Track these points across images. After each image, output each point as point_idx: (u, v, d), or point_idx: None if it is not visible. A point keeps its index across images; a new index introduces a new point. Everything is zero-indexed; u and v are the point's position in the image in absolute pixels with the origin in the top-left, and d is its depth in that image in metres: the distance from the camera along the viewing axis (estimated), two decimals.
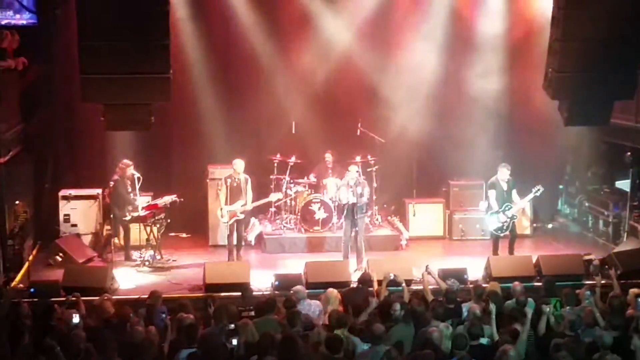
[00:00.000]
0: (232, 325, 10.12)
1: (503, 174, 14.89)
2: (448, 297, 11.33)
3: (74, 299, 11.51)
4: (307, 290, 11.90)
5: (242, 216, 15.18)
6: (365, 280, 12.34)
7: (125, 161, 15.23)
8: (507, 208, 14.82)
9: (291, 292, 11.73)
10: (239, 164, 15.06)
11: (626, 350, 9.65)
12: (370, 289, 12.02)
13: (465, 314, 10.93)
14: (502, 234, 14.93)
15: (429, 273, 12.29)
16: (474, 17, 17.09)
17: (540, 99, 14.00)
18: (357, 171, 15.03)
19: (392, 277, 12.03)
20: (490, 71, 17.00)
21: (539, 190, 15.10)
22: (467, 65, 17.10)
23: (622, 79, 12.69)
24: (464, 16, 17.12)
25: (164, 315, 10.88)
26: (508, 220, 14.82)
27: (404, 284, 12.02)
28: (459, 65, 17.12)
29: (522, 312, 10.46)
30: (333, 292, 11.58)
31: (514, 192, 15.00)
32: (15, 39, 14.68)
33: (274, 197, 15.76)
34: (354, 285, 12.85)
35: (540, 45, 13.94)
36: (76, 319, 10.42)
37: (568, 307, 11.05)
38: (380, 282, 12.06)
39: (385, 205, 17.53)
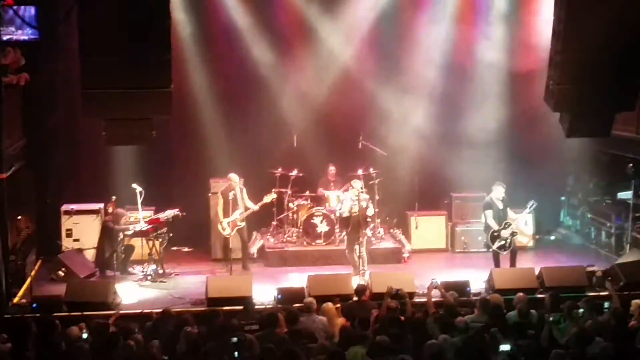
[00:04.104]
0: (235, 339, 10.10)
1: (498, 192, 14.87)
2: (449, 311, 11.24)
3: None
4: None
5: (242, 224, 15.42)
6: (359, 291, 12.39)
7: (120, 210, 15.34)
8: (506, 226, 14.79)
9: (302, 304, 11.74)
10: (235, 176, 15.38)
11: None
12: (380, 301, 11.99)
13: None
14: (505, 252, 14.89)
15: (436, 287, 12.20)
16: (476, 30, 17.12)
17: (542, 111, 13.99)
18: (361, 187, 15.06)
19: (396, 292, 11.91)
20: (493, 83, 17.04)
21: (533, 205, 15.12)
22: (468, 78, 17.15)
23: (623, 90, 12.68)
24: (466, 29, 17.13)
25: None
26: (509, 237, 14.79)
27: (406, 298, 11.89)
28: (460, 78, 17.16)
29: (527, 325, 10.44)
30: (329, 305, 11.61)
31: (507, 208, 15.00)
32: (18, 56, 14.70)
33: (267, 198, 15.76)
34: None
35: (541, 60, 13.94)
36: (83, 334, 10.43)
37: (572, 318, 11.01)
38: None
39: (387, 218, 17.52)
